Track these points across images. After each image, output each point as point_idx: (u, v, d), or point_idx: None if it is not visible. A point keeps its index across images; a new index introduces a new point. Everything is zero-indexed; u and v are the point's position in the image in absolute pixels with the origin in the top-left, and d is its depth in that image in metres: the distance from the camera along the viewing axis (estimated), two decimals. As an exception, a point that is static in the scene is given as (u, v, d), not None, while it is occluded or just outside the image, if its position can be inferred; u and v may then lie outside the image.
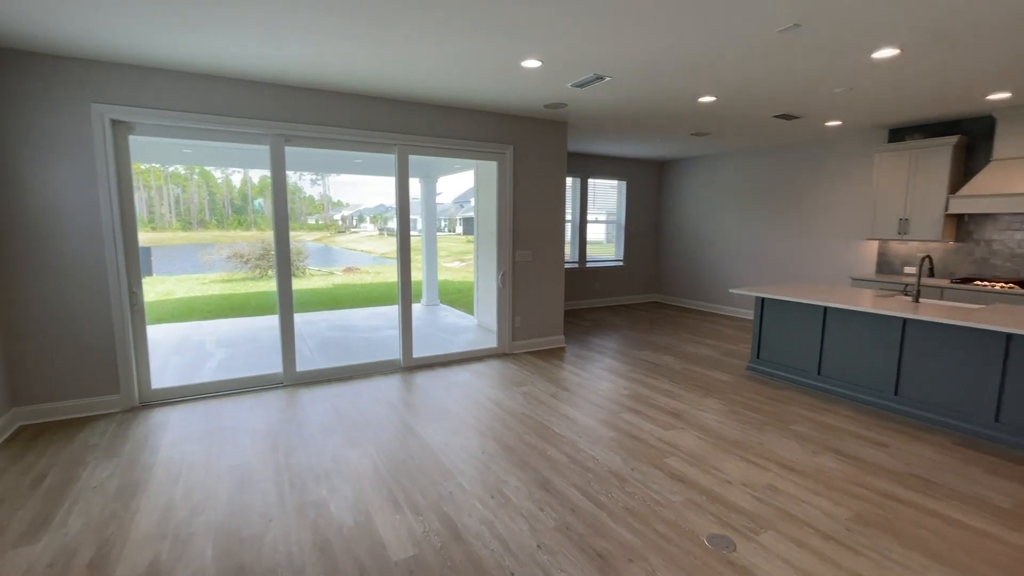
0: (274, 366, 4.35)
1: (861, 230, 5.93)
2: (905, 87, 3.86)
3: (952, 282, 4.75)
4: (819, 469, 2.81)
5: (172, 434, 3.19)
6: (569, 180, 7.76)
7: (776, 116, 4.88)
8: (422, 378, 4.38)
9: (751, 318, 7.21)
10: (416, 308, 8.08)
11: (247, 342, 5.66)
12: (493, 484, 2.62)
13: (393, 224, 4.78)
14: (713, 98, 4.21)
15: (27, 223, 3.23)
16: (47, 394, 3.38)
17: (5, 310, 3.23)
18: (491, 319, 6.01)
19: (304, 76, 3.68)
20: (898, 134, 5.47)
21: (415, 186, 8.31)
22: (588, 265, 8.09)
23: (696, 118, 5.01)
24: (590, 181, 7.98)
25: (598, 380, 4.36)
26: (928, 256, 3.77)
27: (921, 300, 3.88)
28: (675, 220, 8.43)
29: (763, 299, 4.55)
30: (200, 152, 6.41)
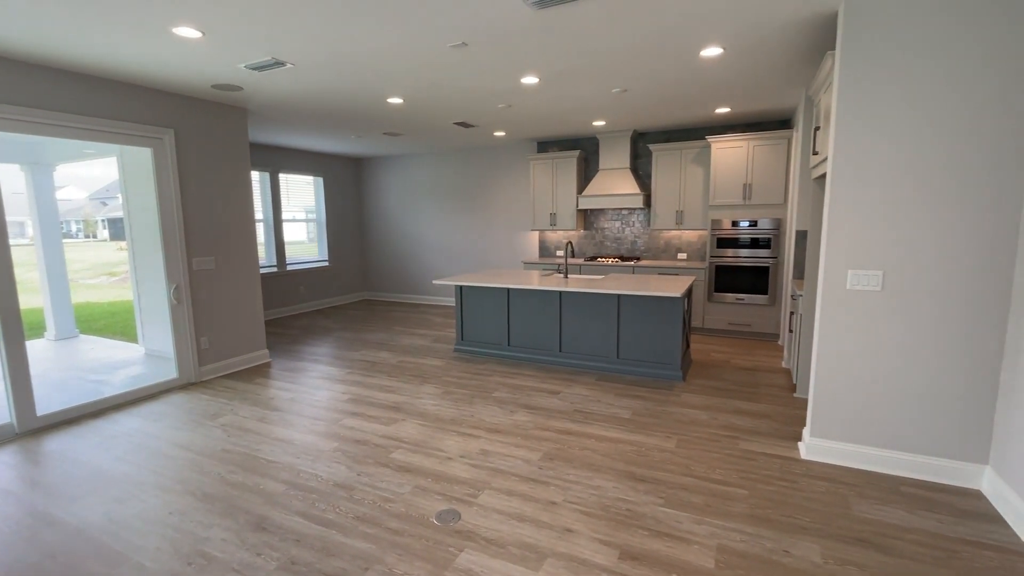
0: None
1: (526, 223, 7.28)
2: (545, 109, 4.88)
3: (585, 260, 6.35)
4: (516, 425, 3.35)
5: None
6: (257, 174, 6.89)
7: (456, 123, 5.47)
8: (59, 441, 3.20)
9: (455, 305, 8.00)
10: (39, 345, 5.82)
11: None
12: (190, 548, 2.13)
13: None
14: (401, 100, 4.40)
15: None
16: None
17: None
18: (166, 345, 4.84)
19: None
20: (544, 146, 6.92)
21: (15, 175, 5.92)
22: (289, 268, 7.41)
23: (388, 118, 5.15)
24: (282, 176, 7.28)
25: (313, 391, 4.07)
26: (570, 242, 4.93)
27: (569, 276, 5.05)
28: (378, 217, 8.54)
29: (461, 287, 5.09)
30: None
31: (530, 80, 3.84)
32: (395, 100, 4.40)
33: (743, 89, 4.21)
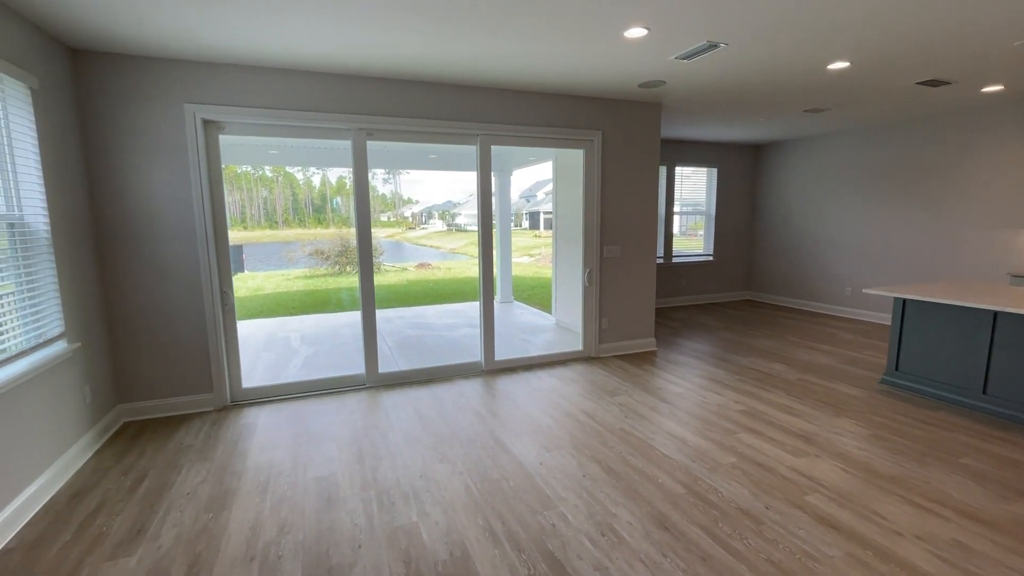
0: (355, 366, 4.27)
1: (1020, 216, 4.93)
2: (1116, 33, 3.03)
3: None
4: (1017, 521, 2.21)
5: (261, 438, 3.13)
6: (654, 169, 7.20)
7: (920, 83, 4.10)
8: (504, 383, 4.12)
9: (872, 320, 6.32)
10: (491, 305, 7.88)
11: (329, 338, 5.70)
12: (601, 517, 2.27)
13: (460, 220, 4.54)
14: (846, 64, 3.57)
15: (129, 225, 3.30)
16: (148, 392, 3.46)
17: (111, 309, 3.32)
18: (571, 318, 5.65)
19: (386, 67, 3.50)
20: (1078, 98, 4.46)
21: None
22: (674, 260, 7.49)
23: (820, 89, 4.33)
24: (677, 169, 7.36)
25: (701, 391, 3.88)
26: None
27: None
28: (773, 210, 7.60)
29: (905, 300, 3.84)
30: (284, 153, 6.55)
31: (1113, -15, 2.37)
32: (838, 65, 3.59)
33: None
